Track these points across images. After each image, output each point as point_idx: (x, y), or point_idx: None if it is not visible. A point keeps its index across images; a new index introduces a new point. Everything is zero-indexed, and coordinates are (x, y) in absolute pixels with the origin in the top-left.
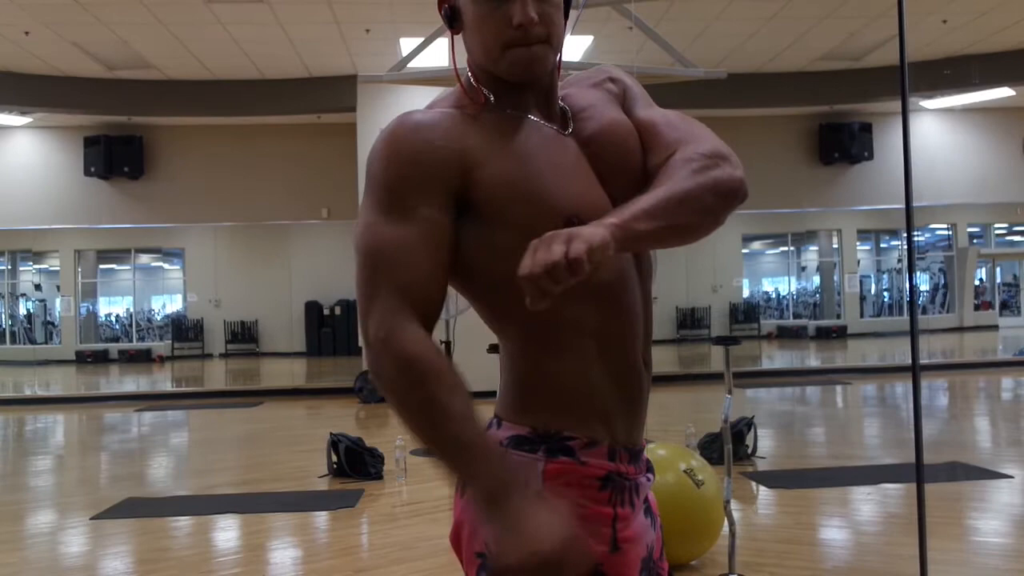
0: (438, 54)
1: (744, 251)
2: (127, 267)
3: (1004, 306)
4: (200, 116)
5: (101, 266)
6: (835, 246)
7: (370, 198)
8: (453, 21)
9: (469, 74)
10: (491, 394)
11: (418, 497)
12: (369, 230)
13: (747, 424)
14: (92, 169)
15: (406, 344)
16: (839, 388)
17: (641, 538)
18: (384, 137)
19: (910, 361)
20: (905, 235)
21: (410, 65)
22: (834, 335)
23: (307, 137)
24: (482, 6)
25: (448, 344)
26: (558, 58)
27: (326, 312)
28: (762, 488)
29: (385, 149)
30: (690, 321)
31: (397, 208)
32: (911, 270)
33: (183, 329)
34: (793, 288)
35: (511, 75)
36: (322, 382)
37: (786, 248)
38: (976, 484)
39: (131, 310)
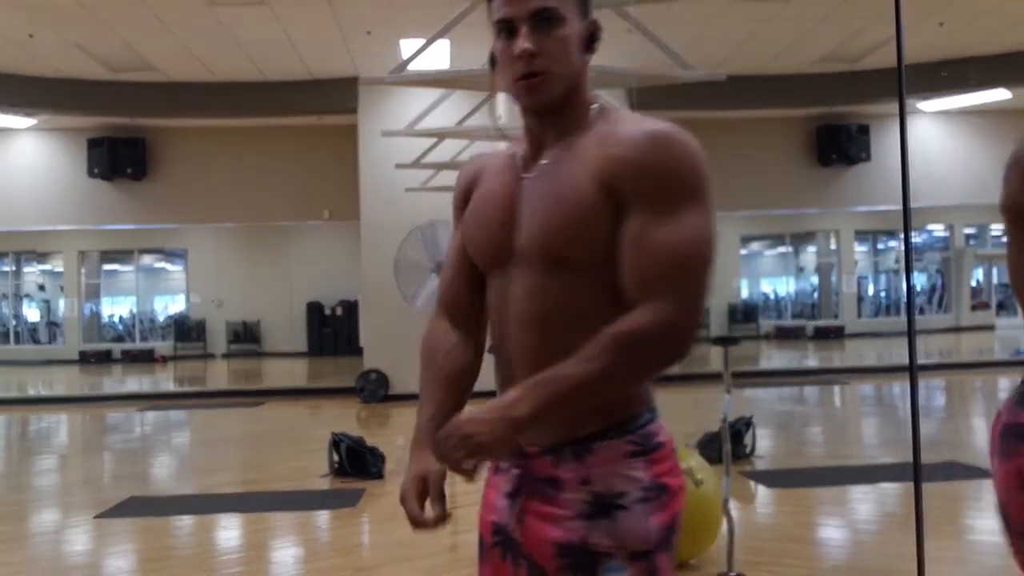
0: (439, 56)
1: (743, 252)
2: (130, 268)
3: (1001, 306)
4: (203, 118)
5: (104, 267)
6: (833, 247)
7: None
8: (494, 65)
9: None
10: (491, 393)
11: None
12: None
13: (746, 424)
14: (95, 170)
15: (425, 337)
16: (837, 388)
17: (493, 508)
18: None
19: (907, 361)
20: (903, 236)
21: (411, 67)
22: (832, 335)
23: (308, 139)
24: (501, 43)
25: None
26: (569, 88)
27: (327, 312)
28: (761, 487)
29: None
30: None
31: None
32: (908, 271)
33: (185, 329)
34: (791, 289)
35: (520, 104)
36: (323, 382)
37: (784, 249)
38: (973, 483)
39: (134, 311)
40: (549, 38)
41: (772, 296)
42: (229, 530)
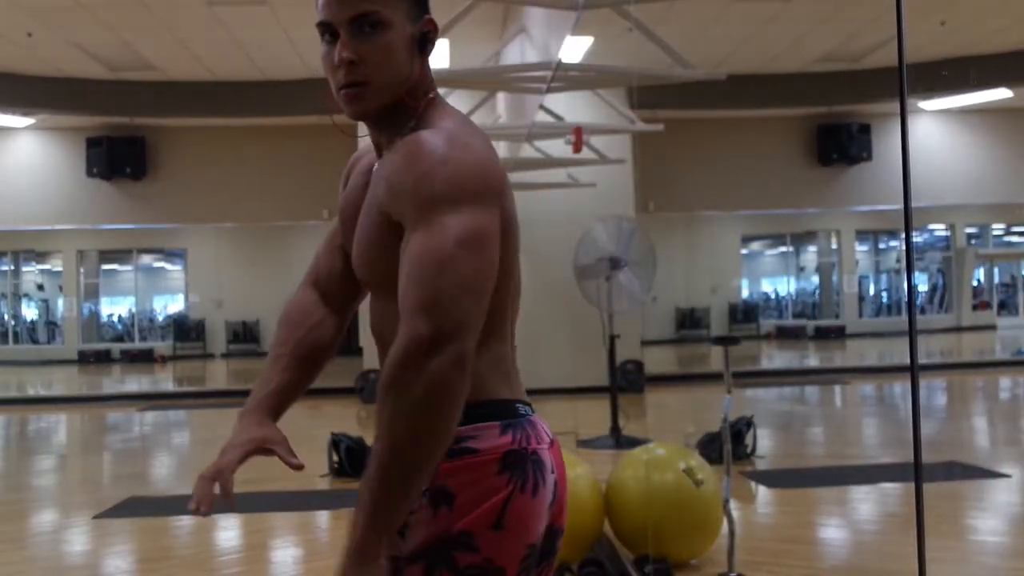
0: (438, 55)
1: (743, 251)
2: (129, 267)
3: (1002, 306)
4: (202, 117)
5: (103, 266)
6: (834, 247)
7: None
8: None
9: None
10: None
11: None
12: None
13: (746, 424)
14: (95, 170)
15: (290, 305)
16: (838, 388)
17: None
18: None
19: (908, 361)
20: (903, 236)
21: None
22: (833, 335)
23: (308, 138)
24: (324, 48)
25: None
26: (396, 95)
27: None
28: (761, 487)
29: None
30: (689, 321)
31: None
32: (909, 270)
33: (185, 329)
34: (792, 288)
35: (346, 114)
36: (323, 382)
37: (785, 248)
38: (974, 483)
39: (133, 310)
40: (371, 45)
41: (773, 296)
42: (229, 530)
